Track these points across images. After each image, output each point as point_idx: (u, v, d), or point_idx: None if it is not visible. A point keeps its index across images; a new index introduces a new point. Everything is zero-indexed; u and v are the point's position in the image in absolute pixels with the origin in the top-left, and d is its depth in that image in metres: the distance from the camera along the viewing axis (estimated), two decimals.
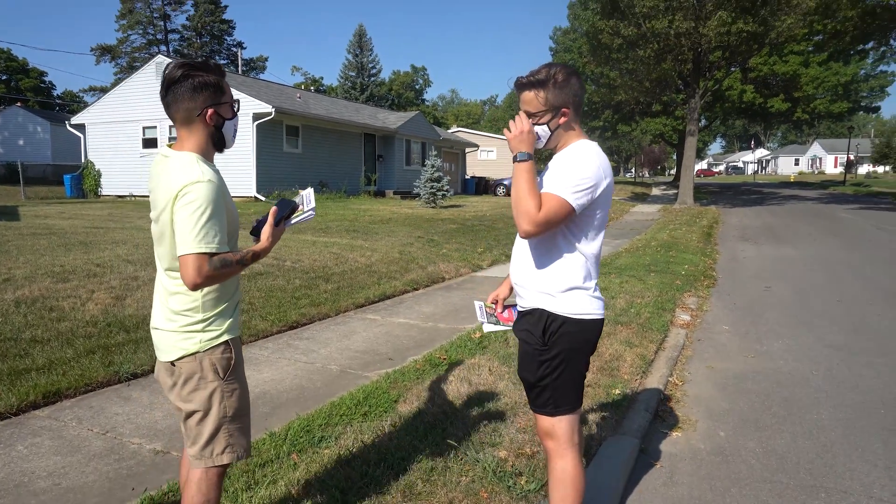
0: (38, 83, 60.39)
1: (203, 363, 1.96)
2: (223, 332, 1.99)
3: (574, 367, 2.16)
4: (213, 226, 1.82)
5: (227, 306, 2.03)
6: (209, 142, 1.99)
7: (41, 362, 4.31)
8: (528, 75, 2.13)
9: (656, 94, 28.53)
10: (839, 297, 7.66)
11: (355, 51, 61.80)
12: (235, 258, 1.88)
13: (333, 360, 4.84)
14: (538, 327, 2.14)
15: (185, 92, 1.90)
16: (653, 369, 4.69)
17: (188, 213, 1.80)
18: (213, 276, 1.83)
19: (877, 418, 3.84)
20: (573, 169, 2.02)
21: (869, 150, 74.46)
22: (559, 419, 2.17)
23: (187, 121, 1.93)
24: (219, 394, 1.98)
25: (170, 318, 1.98)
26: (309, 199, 2.11)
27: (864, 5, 22.20)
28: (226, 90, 1.99)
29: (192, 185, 1.81)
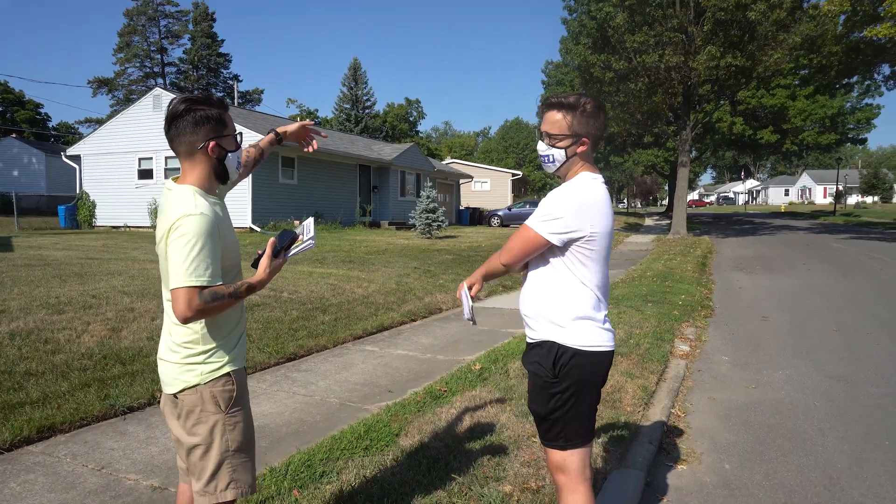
0: (33, 115, 60.65)
1: (204, 396, 1.94)
2: (225, 364, 1.98)
3: (585, 399, 2.14)
4: (205, 258, 1.81)
5: (229, 338, 2.01)
6: (211, 174, 2.00)
7: (35, 396, 4.24)
8: (558, 96, 2.16)
9: (648, 127, 28.99)
10: (835, 326, 7.67)
11: (350, 83, 62.53)
12: (228, 291, 1.87)
13: (332, 393, 4.78)
14: (548, 359, 2.13)
15: (188, 125, 1.92)
16: (655, 401, 4.66)
17: (179, 245, 1.80)
18: (204, 309, 1.81)
19: (882, 450, 3.81)
20: (549, 202, 2.08)
21: (857, 181, 75.50)
22: (570, 453, 2.14)
23: (190, 154, 1.95)
24: (220, 427, 1.95)
25: (173, 349, 1.97)
26: (308, 229, 2.12)
27: (847, 41, 22.80)
28: (228, 123, 2.01)
29: (185, 218, 1.82)
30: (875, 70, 25.60)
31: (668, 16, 20.90)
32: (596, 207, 2.07)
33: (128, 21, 57.48)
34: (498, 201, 39.77)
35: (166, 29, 59.05)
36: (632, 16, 21.24)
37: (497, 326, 7.41)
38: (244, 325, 2.12)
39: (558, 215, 2.05)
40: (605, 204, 2.11)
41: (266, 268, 1.98)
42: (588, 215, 2.05)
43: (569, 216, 2.04)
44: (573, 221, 2.04)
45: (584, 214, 2.05)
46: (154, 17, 57.83)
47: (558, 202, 2.07)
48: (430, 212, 19.39)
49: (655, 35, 21.03)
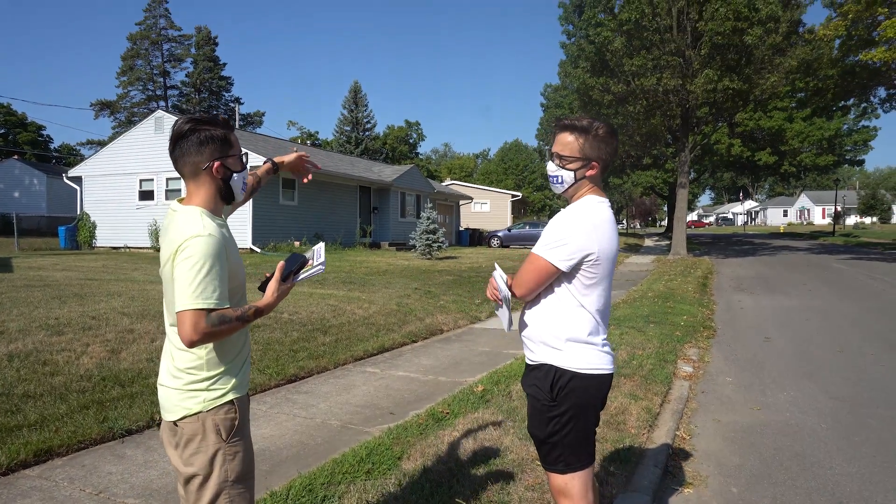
0: (35, 136, 61.09)
1: (206, 424, 1.88)
2: (228, 391, 1.92)
3: (584, 422, 2.12)
4: (212, 281, 1.78)
5: (233, 364, 1.96)
6: (217, 195, 1.97)
7: (33, 418, 4.19)
8: (571, 118, 2.18)
9: (646, 148, 29.19)
10: (839, 347, 7.63)
11: (350, 106, 63.10)
12: (235, 314, 1.82)
13: (334, 415, 4.73)
14: (546, 383, 2.11)
15: (192, 146, 1.90)
16: (659, 423, 4.61)
17: (186, 267, 1.76)
18: (210, 332, 1.77)
19: (892, 473, 3.76)
20: (555, 227, 2.07)
21: (855, 202, 75.85)
22: (572, 476, 2.11)
23: (194, 174, 1.93)
24: (221, 457, 1.88)
25: (175, 374, 1.91)
26: (319, 253, 2.09)
27: (843, 65, 23.07)
28: (233, 143, 1.99)
29: (192, 240, 1.78)
30: (871, 93, 25.85)
31: (666, 40, 21.18)
32: (602, 230, 2.06)
33: (131, 45, 58.20)
34: (498, 222, 39.87)
35: (169, 53, 59.78)
36: (630, 40, 21.51)
37: (498, 347, 7.37)
38: (248, 351, 2.08)
39: (565, 241, 2.03)
40: (610, 227, 2.10)
41: (274, 292, 1.94)
42: (595, 238, 2.04)
43: (575, 240, 2.03)
44: (580, 245, 2.02)
45: (590, 237, 2.04)
46: (157, 41, 58.55)
47: (564, 226, 2.06)
48: (430, 233, 19.42)
49: (653, 59, 21.27)
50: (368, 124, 63.83)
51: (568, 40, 25.26)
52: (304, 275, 2.05)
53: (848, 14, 19.94)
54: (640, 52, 21.39)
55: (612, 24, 21.33)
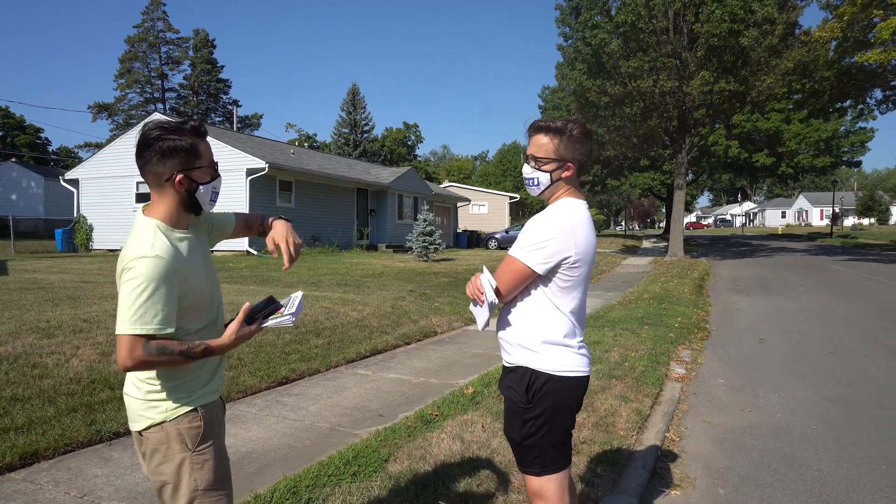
0: (34, 139, 61.09)
1: (170, 433, 1.82)
2: (191, 400, 1.86)
3: (559, 425, 2.11)
4: (154, 304, 1.69)
5: (199, 373, 1.89)
6: (180, 207, 1.88)
7: (21, 421, 4.17)
8: (546, 120, 2.17)
9: (644, 150, 29.19)
10: (833, 348, 7.63)
11: (348, 108, 63.15)
12: (180, 348, 1.73)
13: (323, 418, 4.72)
14: (522, 385, 2.10)
15: (154, 156, 1.81)
16: (649, 424, 4.60)
17: (129, 289, 1.69)
18: (147, 361, 1.69)
19: (879, 475, 3.75)
20: (532, 229, 2.05)
21: (853, 203, 75.93)
22: (548, 479, 2.11)
23: (157, 184, 1.85)
24: (188, 466, 1.84)
25: (136, 384, 1.86)
26: (294, 302, 1.96)
27: (839, 66, 23.10)
28: (202, 153, 1.88)
29: (138, 260, 1.71)
30: (867, 94, 25.90)
31: (662, 42, 21.21)
32: (579, 232, 2.05)
33: (129, 47, 58.25)
34: (496, 224, 39.87)
35: (167, 55, 59.83)
36: (626, 42, 21.53)
37: (491, 350, 7.36)
38: (219, 359, 2.00)
39: (542, 243, 2.02)
40: (588, 228, 2.09)
41: (232, 334, 1.84)
42: (572, 240, 2.03)
43: (552, 242, 2.01)
44: (557, 247, 2.01)
45: (567, 239, 2.02)
46: (155, 43, 58.59)
47: (542, 229, 2.04)
48: (426, 234, 19.41)
49: (650, 61, 21.29)
50: (367, 126, 63.89)
51: (564, 42, 25.28)
52: (270, 322, 1.91)
53: (843, 16, 19.97)
54: (637, 54, 21.41)
55: (608, 27, 21.34)
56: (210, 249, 2.09)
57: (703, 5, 20.20)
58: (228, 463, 2.00)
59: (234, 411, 4.84)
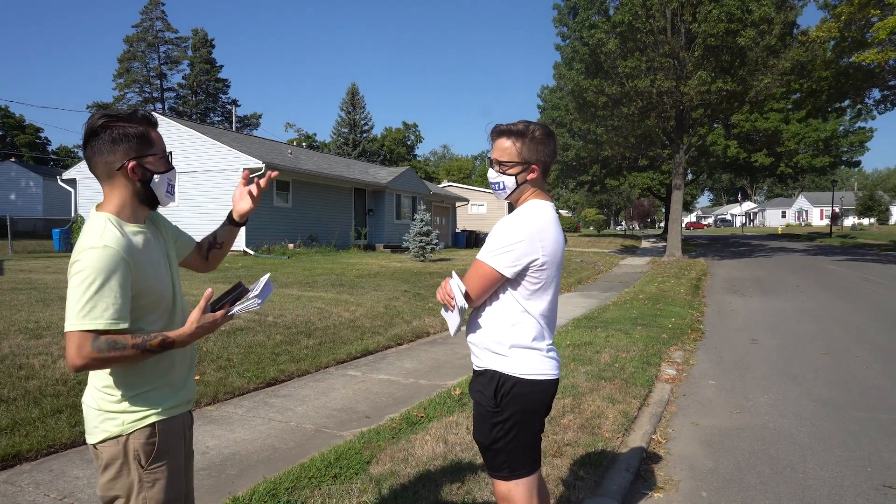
0: (33, 139, 61.10)
1: (127, 447, 1.73)
2: (151, 414, 1.76)
3: (528, 429, 2.10)
4: (104, 298, 1.59)
5: (160, 384, 1.80)
6: (134, 199, 1.79)
7: (4, 423, 4.16)
8: (508, 124, 2.15)
9: (642, 150, 29.15)
10: (826, 349, 7.61)
11: (348, 108, 63.14)
12: (133, 342, 1.62)
13: (309, 419, 4.71)
14: (490, 388, 2.09)
15: (104, 144, 1.72)
16: (636, 426, 4.58)
17: (76, 283, 1.59)
18: (98, 358, 1.58)
19: (863, 477, 3.74)
20: (499, 232, 2.04)
21: (853, 203, 75.88)
22: (516, 483, 2.09)
23: (108, 175, 1.75)
24: (137, 484, 1.74)
25: (93, 394, 1.78)
26: (260, 285, 1.85)
27: (837, 66, 23.08)
28: (155, 141, 1.80)
29: (85, 252, 1.61)
30: (865, 94, 25.87)
31: (660, 42, 21.18)
32: (547, 234, 2.03)
33: (128, 47, 58.26)
34: (494, 224, 39.80)
35: (166, 55, 59.85)
36: (623, 42, 21.51)
37: None
38: (187, 365, 1.91)
39: (509, 247, 2.00)
40: (555, 230, 2.07)
41: (194, 322, 1.73)
42: (539, 243, 2.01)
43: (519, 245, 1.99)
44: (524, 250, 1.99)
45: (534, 242, 2.01)
46: (154, 43, 58.61)
47: (508, 232, 2.02)
48: (423, 234, 19.39)
49: (647, 60, 21.27)
50: (366, 126, 63.88)
51: (562, 42, 25.25)
52: (237, 307, 1.83)
53: (841, 16, 19.96)
54: (634, 53, 21.40)
55: (605, 26, 21.33)
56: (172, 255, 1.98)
57: (701, 5, 20.18)
58: (184, 483, 1.89)
59: (221, 412, 4.83)
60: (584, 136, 31.96)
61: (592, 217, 72.99)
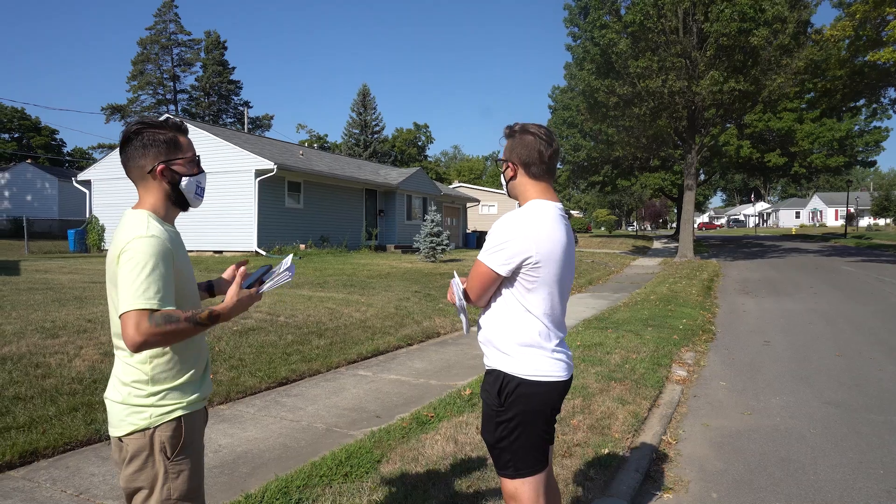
0: (49, 140, 61.82)
1: (153, 440, 1.82)
2: (176, 408, 1.85)
3: (532, 429, 2.09)
4: (156, 282, 1.71)
5: (185, 379, 1.89)
6: (166, 200, 1.92)
7: (22, 420, 4.23)
8: (508, 126, 2.25)
9: (654, 150, 29.05)
10: (839, 351, 7.55)
11: (359, 109, 63.34)
12: (185, 315, 1.73)
13: (320, 418, 4.75)
14: (494, 387, 2.11)
15: (136, 149, 1.87)
16: (646, 427, 4.58)
17: (129, 268, 1.71)
18: (155, 333, 1.67)
19: (875, 479, 3.72)
20: (493, 231, 2.09)
21: (868, 203, 74.94)
22: (522, 482, 2.10)
23: (141, 178, 1.90)
24: (163, 475, 1.83)
25: (118, 388, 1.86)
26: (287, 262, 2.02)
27: (852, 65, 22.84)
28: (184, 146, 1.94)
29: (136, 241, 1.74)
30: (881, 93, 25.58)
31: (672, 41, 21.08)
32: (541, 233, 2.03)
33: (141, 49, 58.82)
34: None
35: (179, 57, 60.34)
36: (635, 42, 21.42)
37: None
38: (205, 363, 2.00)
39: (500, 245, 2.03)
40: (551, 229, 2.06)
41: (234, 296, 1.85)
42: (532, 240, 2.02)
43: (511, 244, 2.02)
44: (515, 248, 2.01)
45: (526, 240, 2.02)
46: (167, 45, 59.12)
47: (500, 231, 2.06)
48: (434, 235, 19.43)
49: (659, 60, 21.17)
50: (377, 127, 64.05)
51: (573, 42, 25.19)
52: (269, 284, 1.97)
53: (856, 14, 19.76)
54: (646, 53, 21.30)
55: (617, 26, 21.25)
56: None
57: (713, 4, 20.07)
58: (203, 475, 1.99)
59: (233, 411, 4.89)
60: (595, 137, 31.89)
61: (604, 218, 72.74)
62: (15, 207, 37.14)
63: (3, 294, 8.50)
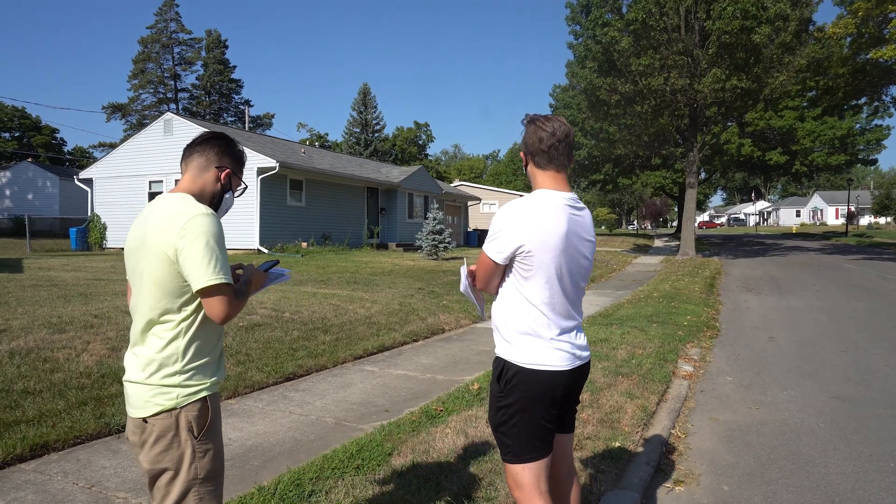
0: (49, 139, 61.80)
1: (179, 420, 1.85)
2: (203, 388, 1.90)
3: (532, 417, 2.10)
4: (224, 256, 1.84)
5: (209, 360, 1.93)
6: (209, 197, 2.02)
7: (31, 414, 4.24)
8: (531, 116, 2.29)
9: (655, 148, 29.00)
10: (844, 347, 7.55)
11: (360, 108, 63.30)
12: (239, 289, 1.93)
13: (329, 413, 4.75)
14: (496, 373, 2.17)
15: (219, 146, 2.03)
16: (654, 421, 4.58)
17: (201, 244, 1.78)
18: (237, 306, 1.86)
19: (886, 473, 3.72)
20: (493, 221, 2.13)
21: (869, 202, 74.92)
22: (523, 467, 2.12)
23: (203, 168, 2.01)
24: (190, 454, 1.86)
25: (142, 370, 1.86)
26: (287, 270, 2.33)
27: (854, 63, 22.82)
28: (241, 174, 2.14)
29: (200, 218, 1.82)
30: (883, 91, 25.56)
31: (673, 39, 21.06)
32: (534, 222, 2.03)
33: (142, 48, 58.79)
34: None
35: (180, 56, 60.29)
36: (637, 40, 21.40)
37: None
38: (220, 348, 2.04)
39: (495, 234, 2.09)
40: (545, 217, 2.04)
41: (256, 271, 2.10)
42: (524, 229, 2.03)
43: (503, 233, 2.06)
44: (508, 237, 2.05)
45: (518, 229, 2.03)
46: (168, 44, 59.08)
47: (496, 220, 2.10)
48: (436, 233, 19.43)
49: (661, 58, 21.15)
50: (378, 126, 64.02)
51: (575, 40, 25.16)
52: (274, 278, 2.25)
53: (858, 11, 19.73)
54: (648, 51, 21.28)
55: (619, 24, 21.23)
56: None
57: (715, 2, 20.04)
58: (223, 457, 2.01)
59: (241, 406, 4.89)
60: (596, 135, 31.86)
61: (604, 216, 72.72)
62: (16, 206, 37.16)
63: (8, 291, 8.50)
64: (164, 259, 1.80)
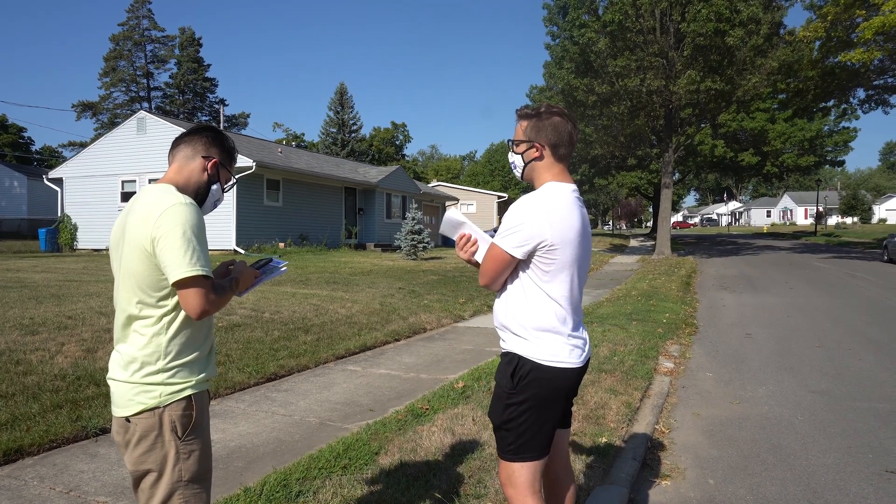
0: (16, 138, 60.21)
1: (162, 420, 1.77)
2: (187, 387, 1.82)
3: (542, 415, 2.07)
4: (203, 248, 1.76)
5: (195, 357, 1.86)
6: (194, 187, 1.95)
7: (4, 418, 4.10)
8: (525, 106, 2.22)
9: (631, 149, 29.35)
10: (818, 342, 7.71)
11: (336, 108, 62.92)
12: (222, 284, 1.84)
13: (312, 413, 4.69)
14: (508, 370, 2.08)
15: (207, 138, 1.98)
16: (639, 417, 4.62)
17: (178, 235, 1.70)
18: (215, 301, 1.76)
19: (865, 463, 3.79)
20: (509, 214, 2.05)
21: (837, 202, 76.76)
22: (520, 466, 2.07)
23: (189, 157, 1.95)
24: (174, 455, 1.79)
25: (125, 366, 1.80)
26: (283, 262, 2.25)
27: (823, 66, 23.37)
28: (231, 168, 2.09)
29: (178, 207, 1.74)
30: (850, 94, 26.22)
31: (649, 41, 21.34)
32: (557, 216, 2.01)
33: (114, 46, 57.57)
34: (484, 223, 39.90)
35: (153, 54, 59.21)
36: (613, 41, 21.63)
37: (481, 345, 7.36)
38: (210, 344, 1.98)
39: (516, 227, 2.00)
40: (568, 212, 2.03)
41: (246, 268, 2.02)
42: (546, 223, 1.99)
43: (525, 226, 1.99)
44: (530, 231, 1.98)
45: (542, 223, 1.99)
46: (140, 41, 57.97)
47: (516, 213, 2.03)
48: (415, 233, 19.39)
49: (637, 60, 21.41)
50: (354, 126, 63.69)
51: (552, 41, 25.35)
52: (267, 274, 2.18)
53: (827, 16, 20.21)
54: (624, 53, 21.53)
55: (595, 26, 21.43)
56: None
57: (690, 5, 20.36)
58: (211, 458, 1.95)
59: (223, 407, 4.80)
60: None
61: None
62: None
63: None
64: (143, 252, 1.73)
